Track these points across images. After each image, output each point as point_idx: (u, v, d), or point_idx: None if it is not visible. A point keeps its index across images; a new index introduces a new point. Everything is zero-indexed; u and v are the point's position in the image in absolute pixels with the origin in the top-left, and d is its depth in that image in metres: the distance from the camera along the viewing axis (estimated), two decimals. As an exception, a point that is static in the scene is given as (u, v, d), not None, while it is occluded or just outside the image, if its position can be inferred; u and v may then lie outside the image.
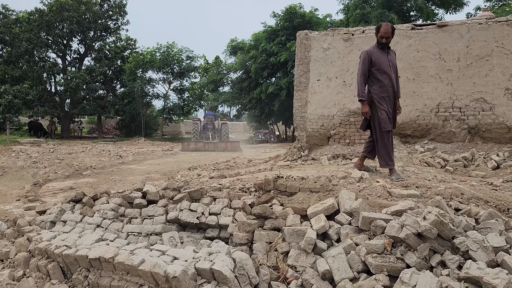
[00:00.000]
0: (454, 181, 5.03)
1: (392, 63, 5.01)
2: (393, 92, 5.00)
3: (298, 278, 2.92)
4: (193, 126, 22.76)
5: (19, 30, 29.71)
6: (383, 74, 4.92)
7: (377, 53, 4.97)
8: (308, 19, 23.63)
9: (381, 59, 4.93)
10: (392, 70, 4.98)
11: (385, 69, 4.91)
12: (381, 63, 4.91)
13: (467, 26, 8.89)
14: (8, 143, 19.89)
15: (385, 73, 4.92)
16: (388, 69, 4.93)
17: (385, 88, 4.93)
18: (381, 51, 4.99)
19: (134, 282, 2.98)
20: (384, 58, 4.95)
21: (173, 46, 33.89)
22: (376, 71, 4.93)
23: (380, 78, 4.93)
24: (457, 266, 2.53)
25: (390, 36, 4.93)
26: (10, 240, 4.33)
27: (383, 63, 4.92)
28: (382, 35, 4.93)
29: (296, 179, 4.35)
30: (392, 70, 4.98)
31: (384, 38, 4.93)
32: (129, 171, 11.41)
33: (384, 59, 4.95)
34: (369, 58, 4.94)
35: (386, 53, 5.00)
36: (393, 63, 5.04)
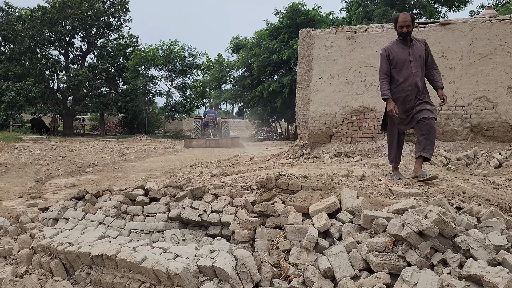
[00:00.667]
0: (456, 180, 5.03)
1: (415, 57, 4.53)
2: (415, 89, 4.54)
3: (300, 276, 2.92)
4: (194, 123, 23.05)
5: (22, 27, 29.77)
6: (399, 72, 4.58)
7: (396, 49, 4.62)
8: (311, 17, 23.56)
9: (399, 56, 4.57)
10: (415, 65, 4.52)
11: (402, 66, 4.54)
12: (398, 60, 4.57)
13: (470, 25, 8.86)
14: (11, 140, 19.95)
15: (403, 70, 4.55)
16: (406, 65, 4.53)
17: (401, 87, 4.57)
18: (401, 46, 4.61)
19: (136, 279, 2.99)
20: (403, 54, 4.56)
21: (175, 44, 33.87)
22: (393, 69, 4.62)
23: (396, 77, 4.61)
24: (458, 264, 2.54)
25: (410, 25, 4.52)
26: (13, 237, 4.35)
27: (400, 60, 4.56)
28: (401, 24, 4.53)
29: (298, 177, 4.36)
30: (417, 65, 4.53)
31: (404, 27, 4.52)
32: (131, 169, 11.44)
33: (403, 54, 4.56)
34: (386, 56, 4.65)
35: (407, 47, 4.58)
36: (417, 56, 4.55)
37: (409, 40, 4.60)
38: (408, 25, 4.51)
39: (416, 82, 4.54)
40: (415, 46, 4.59)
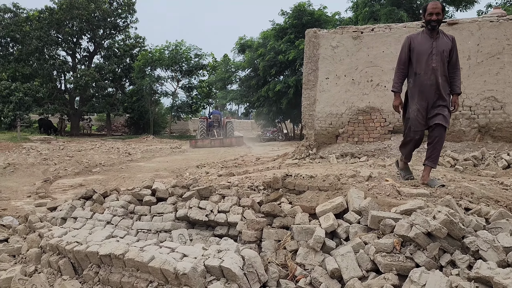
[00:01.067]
0: (464, 180, 5.00)
1: (439, 51, 4.20)
2: (434, 86, 4.24)
3: (307, 276, 2.92)
4: (200, 123, 23.48)
5: (30, 28, 30.02)
6: (420, 64, 4.26)
7: (420, 39, 4.31)
8: (317, 17, 23.52)
9: (422, 46, 4.26)
10: (436, 59, 4.20)
11: (423, 58, 4.23)
12: (420, 50, 4.26)
13: (478, 24, 8.80)
14: (19, 140, 20.11)
15: (422, 63, 4.23)
16: (428, 57, 4.21)
17: (420, 81, 4.27)
18: (426, 37, 4.29)
19: (144, 279, 3.00)
20: (426, 45, 4.24)
21: (181, 44, 33.99)
22: (414, 60, 4.31)
23: (416, 69, 4.30)
24: (467, 266, 2.52)
25: (440, 13, 4.16)
26: (22, 236, 4.39)
27: (422, 51, 4.24)
28: (430, 11, 4.17)
29: (304, 178, 4.36)
30: (438, 59, 4.20)
31: (433, 15, 4.16)
32: (137, 169, 11.49)
33: (426, 46, 4.24)
34: (408, 45, 4.35)
35: (432, 39, 4.25)
36: (441, 50, 4.21)
37: (437, 32, 4.28)
38: (438, 12, 4.17)
39: (436, 77, 4.22)
40: (441, 39, 4.28)
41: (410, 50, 4.35)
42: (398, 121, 9.36)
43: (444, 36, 4.33)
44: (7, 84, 27.55)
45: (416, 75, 4.30)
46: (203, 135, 22.42)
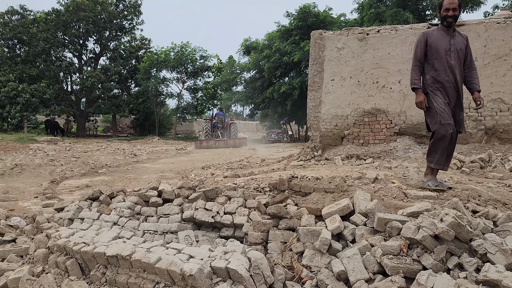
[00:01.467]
0: (471, 183, 4.97)
1: (456, 48, 4.12)
2: (453, 84, 4.15)
3: (313, 278, 2.92)
4: (204, 124, 24.03)
5: (37, 30, 30.26)
6: (439, 60, 4.14)
7: (436, 35, 4.19)
8: (322, 18, 23.52)
9: (439, 42, 4.14)
10: (454, 56, 4.11)
11: (442, 54, 4.12)
12: (438, 46, 4.14)
13: (485, 25, 8.76)
14: (26, 141, 20.25)
15: (442, 58, 4.11)
16: (446, 54, 4.11)
17: (441, 77, 4.13)
18: (442, 34, 4.18)
19: (151, 280, 3.02)
20: (443, 41, 4.13)
21: (187, 46, 34.13)
22: (431, 56, 4.18)
23: (435, 65, 4.16)
24: (475, 269, 2.51)
25: (457, 9, 4.05)
26: (29, 236, 4.42)
27: (440, 47, 4.13)
28: (447, 7, 4.05)
29: (310, 179, 4.35)
30: (455, 57, 4.11)
31: (450, 10, 4.05)
32: (143, 170, 11.53)
33: (444, 42, 4.13)
34: (424, 40, 4.21)
35: (449, 36, 4.15)
36: (457, 47, 4.13)
37: (453, 29, 4.18)
38: (454, 8, 4.05)
39: (454, 75, 4.13)
40: (457, 37, 4.19)
41: (426, 46, 4.21)
42: (404, 122, 9.33)
43: (459, 34, 4.25)
44: (14, 85, 27.78)
45: (436, 71, 4.15)
46: (207, 136, 22.96)
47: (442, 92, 4.14)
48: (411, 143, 9.08)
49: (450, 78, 4.13)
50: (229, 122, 24.67)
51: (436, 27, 4.29)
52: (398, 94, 9.41)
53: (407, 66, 9.30)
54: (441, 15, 4.15)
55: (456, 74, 4.13)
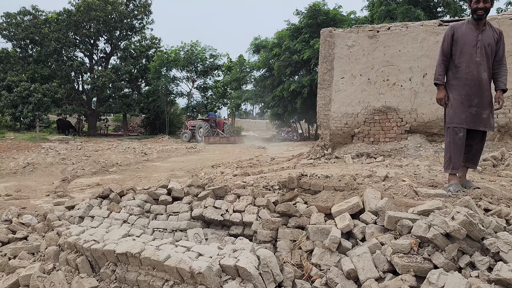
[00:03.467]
0: (483, 181, 4.90)
1: (483, 44, 3.91)
2: (478, 82, 3.94)
3: (323, 276, 2.90)
4: (203, 123, 26.34)
5: (48, 30, 30.59)
6: (462, 56, 3.96)
7: (464, 29, 4.00)
8: (332, 16, 23.39)
9: (465, 37, 3.96)
10: (481, 52, 3.91)
11: (467, 50, 3.94)
12: (464, 41, 3.96)
13: (498, 22, 8.62)
14: (38, 140, 20.50)
15: (466, 54, 3.94)
16: (471, 50, 3.92)
17: (461, 74, 3.99)
18: (471, 27, 3.98)
19: (160, 277, 3.02)
20: (470, 36, 3.95)
21: (196, 45, 34.25)
22: (456, 51, 4.00)
23: (456, 61, 4.00)
24: (487, 267, 2.47)
25: (489, 1, 3.84)
26: (41, 234, 4.47)
27: (466, 42, 3.95)
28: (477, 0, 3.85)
29: (320, 177, 4.33)
30: (482, 53, 3.92)
31: (480, 2, 3.84)
32: (153, 168, 11.59)
33: (471, 37, 3.94)
34: (451, 34, 4.03)
35: (478, 30, 3.95)
36: (486, 43, 3.92)
37: (484, 24, 3.97)
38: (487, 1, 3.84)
39: (479, 72, 3.93)
40: (487, 32, 3.97)
41: (453, 40, 4.04)
42: (415, 120, 9.24)
43: (491, 28, 4.02)
44: (26, 85, 28.13)
45: (457, 67, 4.00)
46: (208, 134, 25.51)
47: (460, 91, 3.99)
48: (422, 141, 8.99)
49: (473, 76, 3.94)
50: (222, 122, 27.61)
51: (467, 20, 4.10)
52: (409, 91, 9.32)
53: (418, 63, 9.21)
54: (471, 7, 3.94)
55: (481, 71, 3.94)
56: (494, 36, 3.99)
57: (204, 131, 25.60)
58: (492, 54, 3.99)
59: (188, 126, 28.23)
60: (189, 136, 26.77)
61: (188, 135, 26.98)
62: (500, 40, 4.02)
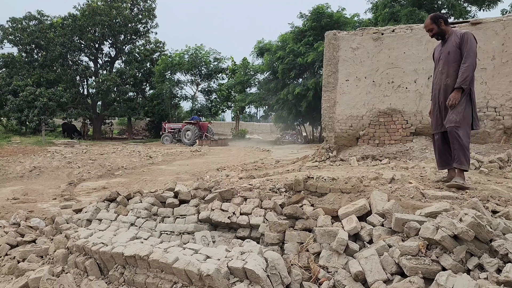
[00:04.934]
0: (490, 183, 4.89)
1: (445, 54, 4.33)
2: (439, 87, 4.36)
3: (330, 279, 2.91)
4: (192, 127, 26.87)
5: (54, 34, 30.84)
6: (434, 71, 4.56)
7: (437, 47, 4.58)
8: (336, 19, 23.42)
9: (436, 53, 4.56)
10: (441, 62, 4.35)
11: (436, 64, 4.52)
12: (435, 58, 4.56)
13: (503, 23, 8.60)
14: (44, 144, 20.62)
15: (435, 68, 4.50)
16: (437, 62, 4.47)
17: (433, 86, 4.53)
18: (440, 44, 4.52)
19: (168, 280, 3.04)
20: (438, 51, 4.52)
21: (201, 49, 34.36)
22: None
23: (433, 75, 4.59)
24: (496, 269, 2.47)
25: (432, 28, 4.40)
26: (49, 237, 4.50)
27: (435, 57, 4.54)
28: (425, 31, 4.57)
29: (326, 180, 4.34)
30: (442, 63, 4.33)
31: (428, 32, 4.51)
32: (159, 172, 11.63)
33: (438, 51, 4.52)
34: (432, 55, 4.68)
35: (442, 46, 4.46)
36: (446, 52, 4.31)
37: (444, 38, 4.44)
38: (429, 29, 4.44)
39: (440, 81, 4.34)
40: (449, 42, 4.35)
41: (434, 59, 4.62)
42: (420, 122, 9.22)
43: (453, 35, 4.33)
44: (32, 89, 28.33)
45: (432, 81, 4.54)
46: (197, 137, 26.35)
47: (432, 101, 4.55)
48: (427, 143, 8.96)
49: (437, 85, 4.43)
50: (206, 125, 28.25)
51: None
52: (414, 94, 9.31)
53: (423, 65, 9.20)
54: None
55: (442, 78, 4.33)
56: (456, 41, 4.26)
57: (193, 134, 26.38)
58: (455, 59, 4.24)
59: (167, 129, 28.63)
60: (170, 139, 27.33)
61: (169, 138, 27.47)
62: (462, 43, 4.22)
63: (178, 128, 28.13)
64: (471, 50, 4.14)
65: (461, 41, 4.23)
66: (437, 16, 4.43)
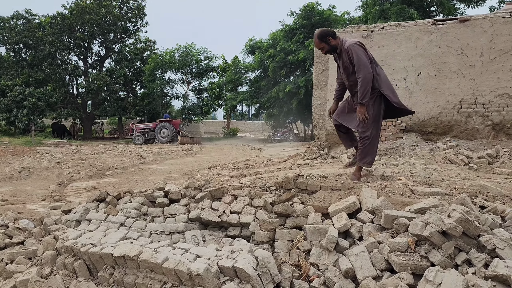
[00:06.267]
0: (479, 179, 4.93)
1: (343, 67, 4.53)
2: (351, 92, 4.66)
3: (320, 276, 2.91)
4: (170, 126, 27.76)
5: (42, 34, 30.51)
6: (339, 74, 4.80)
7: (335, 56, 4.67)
8: (326, 16, 23.47)
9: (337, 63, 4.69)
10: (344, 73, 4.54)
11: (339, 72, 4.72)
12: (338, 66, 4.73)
13: (490, 20, 8.68)
14: (33, 144, 20.41)
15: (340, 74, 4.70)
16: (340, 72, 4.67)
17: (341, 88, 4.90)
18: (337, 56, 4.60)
19: (158, 280, 3.02)
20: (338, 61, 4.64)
21: (191, 47, 34.22)
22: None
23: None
24: (484, 264, 2.49)
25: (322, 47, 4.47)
26: (37, 238, 4.45)
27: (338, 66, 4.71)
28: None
29: (316, 178, 4.34)
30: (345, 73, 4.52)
31: (319, 50, 4.56)
32: (150, 171, 11.56)
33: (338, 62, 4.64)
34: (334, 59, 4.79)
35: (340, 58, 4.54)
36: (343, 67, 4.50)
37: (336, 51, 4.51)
38: (320, 48, 4.50)
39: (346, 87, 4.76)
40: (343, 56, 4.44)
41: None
42: (410, 119, 9.28)
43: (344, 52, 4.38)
44: (21, 89, 28.01)
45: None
46: (174, 134, 27.54)
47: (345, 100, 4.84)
48: (417, 140, 9.03)
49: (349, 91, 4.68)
50: (178, 123, 29.16)
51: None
52: (403, 90, 9.36)
53: (412, 62, 9.25)
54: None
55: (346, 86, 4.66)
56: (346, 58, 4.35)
57: (170, 132, 27.43)
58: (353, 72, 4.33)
59: (135, 129, 28.51)
60: (142, 139, 27.46)
61: (141, 138, 27.54)
62: (351, 58, 4.29)
63: (149, 128, 28.37)
64: (360, 62, 4.17)
65: (349, 56, 4.29)
66: (323, 34, 4.44)
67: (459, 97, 8.88)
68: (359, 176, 4.36)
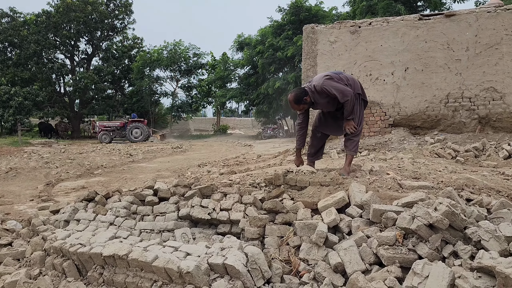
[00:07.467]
0: (465, 172, 5.00)
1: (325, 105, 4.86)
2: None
3: (310, 271, 2.93)
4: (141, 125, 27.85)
5: (27, 32, 30.08)
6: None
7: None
8: (314, 12, 23.53)
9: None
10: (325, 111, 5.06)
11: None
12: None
13: (476, 15, 8.78)
14: (20, 144, 20.15)
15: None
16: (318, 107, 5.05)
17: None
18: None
19: (148, 278, 3.01)
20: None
21: (180, 44, 34.06)
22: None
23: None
24: (470, 256, 2.53)
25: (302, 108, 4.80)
26: (26, 239, 4.40)
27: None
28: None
29: (306, 173, 4.36)
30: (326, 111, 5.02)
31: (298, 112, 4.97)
32: (139, 169, 11.50)
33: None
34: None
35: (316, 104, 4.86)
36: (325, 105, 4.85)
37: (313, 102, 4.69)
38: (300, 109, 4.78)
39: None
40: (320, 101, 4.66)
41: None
42: (398, 114, 9.37)
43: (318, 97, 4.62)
44: (6, 89, 27.61)
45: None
46: (148, 133, 28.03)
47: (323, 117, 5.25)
48: (405, 135, 9.11)
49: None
50: (145, 122, 29.22)
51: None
52: (391, 86, 9.43)
53: (399, 57, 9.33)
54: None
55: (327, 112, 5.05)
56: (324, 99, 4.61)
57: (143, 131, 27.59)
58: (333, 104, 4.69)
59: (98, 126, 28.25)
60: (109, 138, 27.21)
61: (108, 136, 27.27)
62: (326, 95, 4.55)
63: (115, 126, 28.05)
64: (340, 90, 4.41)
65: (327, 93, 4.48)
66: (298, 98, 4.62)
67: (446, 92, 8.99)
68: (348, 171, 4.41)
